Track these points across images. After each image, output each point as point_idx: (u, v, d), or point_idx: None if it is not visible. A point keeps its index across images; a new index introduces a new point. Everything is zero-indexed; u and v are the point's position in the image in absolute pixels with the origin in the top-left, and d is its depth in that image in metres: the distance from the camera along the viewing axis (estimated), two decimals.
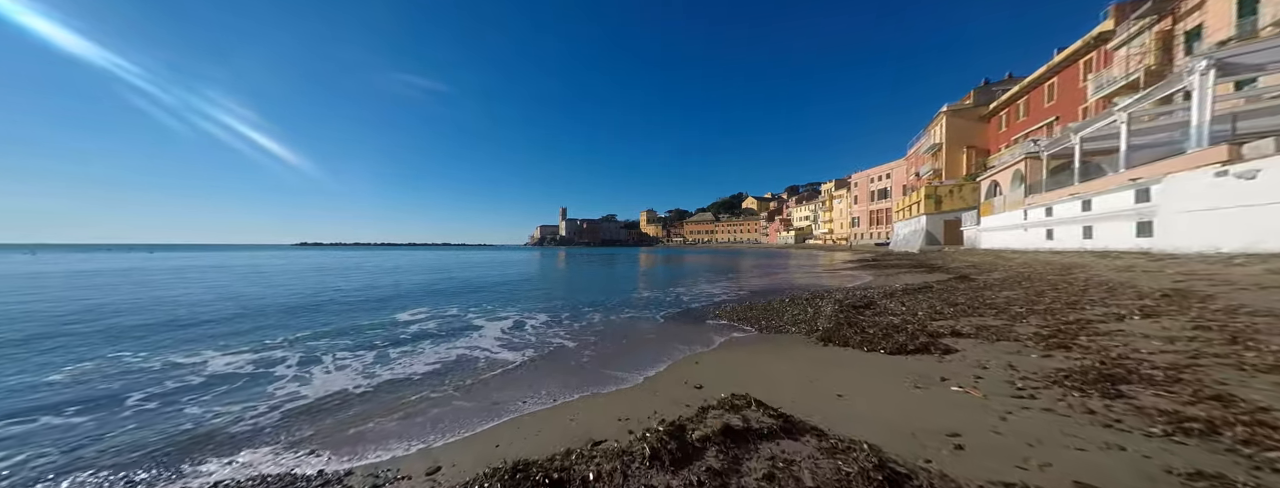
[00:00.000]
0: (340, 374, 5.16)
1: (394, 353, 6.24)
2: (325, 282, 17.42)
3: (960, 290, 9.29)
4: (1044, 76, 34.52)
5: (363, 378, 4.96)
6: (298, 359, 5.88)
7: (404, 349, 6.49)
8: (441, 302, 11.77)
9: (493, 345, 6.64)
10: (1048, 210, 19.66)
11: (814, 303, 8.54)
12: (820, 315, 6.91)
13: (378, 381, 4.85)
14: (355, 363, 5.68)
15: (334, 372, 5.28)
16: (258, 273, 22.43)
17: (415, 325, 8.45)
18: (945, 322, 5.98)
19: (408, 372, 5.22)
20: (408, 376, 5.05)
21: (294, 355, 6.09)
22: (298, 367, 5.53)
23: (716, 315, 8.41)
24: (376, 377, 5.00)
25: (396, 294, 13.53)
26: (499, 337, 7.31)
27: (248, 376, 5.21)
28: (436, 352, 6.28)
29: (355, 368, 5.45)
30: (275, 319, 9.01)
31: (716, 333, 6.73)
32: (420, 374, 5.11)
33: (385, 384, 4.72)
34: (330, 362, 5.74)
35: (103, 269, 25.04)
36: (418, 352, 6.30)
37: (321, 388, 4.61)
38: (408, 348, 6.56)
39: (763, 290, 13.03)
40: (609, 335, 7.08)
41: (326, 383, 4.80)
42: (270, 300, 11.86)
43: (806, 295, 9.83)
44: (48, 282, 16.98)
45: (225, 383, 4.91)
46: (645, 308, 10.38)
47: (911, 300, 8.04)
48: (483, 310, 10.23)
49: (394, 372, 5.22)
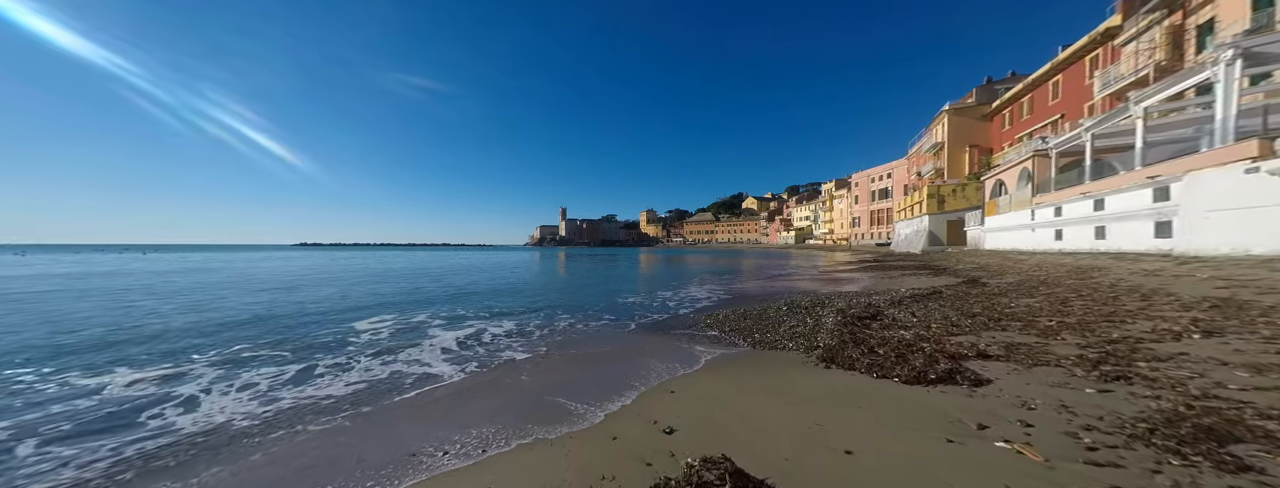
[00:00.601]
0: (237, 400, 4.49)
1: (322, 369, 5.56)
2: (301, 286, 16.61)
3: (974, 297, 8.49)
4: (1048, 74, 33.75)
5: (261, 405, 4.27)
6: (209, 380, 5.14)
7: (335, 364, 5.79)
8: (412, 308, 10.95)
9: (437, 361, 5.88)
10: (1057, 210, 18.86)
11: (814, 312, 7.73)
12: (821, 328, 6.10)
13: (275, 409, 4.16)
14: (267, 384, 5.00)
15: (233, 397, 4.60)
16: (240, 276, 21.61)
17: (367, 336, 7.65)
18: (964, 337, 5.17)
19: (320, 396, 4.52)
20: (316, 401, 4.34)
21: (210, 374, 5.37)
22: (201, 389, 4.80)
23: (705, 325, 7.60)
24: (277, 403, 4.30)
25: (369, 301, 12.71)
26: (449, 351, 6.54)
27: (135, 400, 4.49)
28: (368, 369, 5.60)
29: (262, 390, 4.79)
30: (225, 331, 8.19)
31: (702, 348, 5.92)
32: (331, 400, 4.41)
33: (282, 414, 4.03)
34: (240, 384, 5.03)
35: (81, 272, 24.21)
36: (347, 369, 5.59)
37: (201, 420, 3.92)
38: (340, 363, 5.86)
39: (759, 295, 12.23)
40: (577, 351, 6.26)
41: (211, 413, 4.09)
42: (233, 309, 11.04)
43: (806, 302, 9.01)
44: (9, 286, 16.17)
45: (99, 411, 4.14)
46: (627, 315, 9.58)
47: (922, 310, 7.23)
48: (450, 318, 9.42)
49: (303, 396, 4.55)
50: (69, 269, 26.27)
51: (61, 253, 72.69)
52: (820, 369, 4.45)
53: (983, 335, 5.23)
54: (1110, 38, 27.74)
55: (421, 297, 13.47)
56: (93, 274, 22.27)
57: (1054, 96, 33.40)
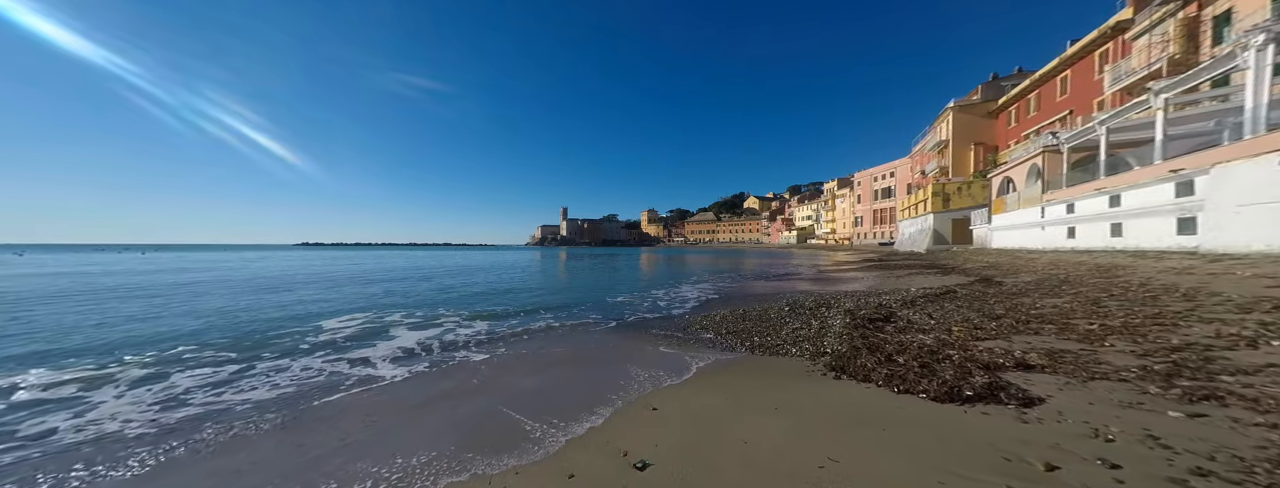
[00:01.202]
0: (140, 406, 3.98)
1: (258, 370, 5.09)
2: (287, 286, 15.99)
3: (992, 297, 7.80)
4: (1056, 69, 33.00)
5: (165, 411, 3.83)
6: (128, 383, 4.63)
7: (275, 366, 5.28)
8: (390, 309, 10.30)
9: (387, 365, 5.30)
10: (1069, 207, 18.14)
11: (819, 313, 7.05)
12: (828, 331, 5.42)
13: (180, 417, 3.70)
14: (187, 388, 4.50)
15: (139, 402, 4.10)
16: (230, 276, 21.01)
17: (327, 336, 7.03)
18: (993, 342, 4.50)
19: (237, 401, 4.04)
20: (231, 407, 3.84)
21: (133, 376, 4.89)
22: (116, 394, 4.25)
23: (699, 327, 6.93)
24: (183, 410, 3.83)
25: (349, 301, 12.07)
26: (407, 352, 5.96)
27: (32, 404, 3.91)
28: (307, 370, 5.09)
29: (177, 394, 4.31)
30: (180, 332, 7.54)
31: (694, 353, 5.25)
32: (247, 406, 3.90)
33: (184, 422, 3.57)
34: (161, 387, 4.56)
35: (69, 272, 23.64)
36: (284, 370, 5.10)
37: (88, 427, 3.43)
38: (280, 365, 5.35)
39: (759, 295, 11.56)
40: (550, 355, 5.60)
41: (103, 420, 3.54)
42: (203, 309, 10.39)
43: (810, 302, 8.33)
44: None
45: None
46: (616, 315, 8.92)
47: (938, 311, 6.55)
48: (425, 318, 8.75)
49: (218, 401, 4.08)
50: (60, 269, 25.70)
51: (61, 253, 72.33)
52: (829, 380, 3.78)
53: (1015, 340, 4.56)
54: (1121, 31, 27.01)
55: (405, 297, 12.82)
56: (80, 273, 21.69)
57: (1062, 92, 32.67)
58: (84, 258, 44.18)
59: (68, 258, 44.66)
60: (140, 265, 29.51)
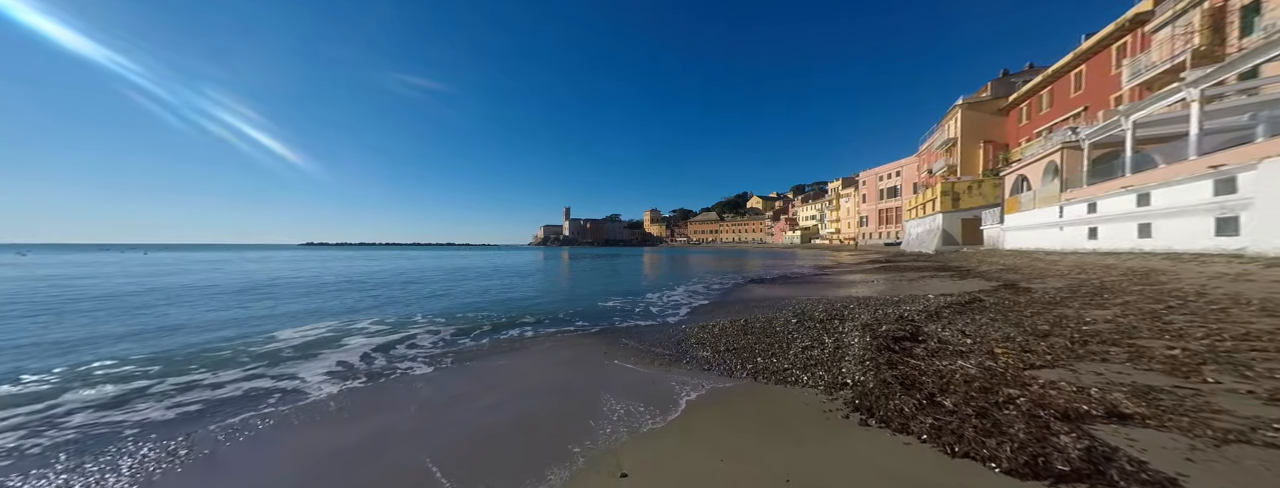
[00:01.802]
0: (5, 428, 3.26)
1: (169, 385, 4.48)
2: (267, 289, 15.24)
3: (1026, 308, 6.90)
4: (1071, 65, 31.96)
5: (29, 435, 3.17)
6: (8, 399, 3.83)
7: (189, 381, 4.60)
8: (362, 314, 9.47)
9: (319, 384, 4.49)
10: (1091, 206, 17.16)
11: (831, 327, 6.16)
12: (846, 353, 4.55)
13: (39, 441, 2.93)
14: (77, 403, 3.91)
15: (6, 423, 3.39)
16: (217, 277, 20.31)
17: (273, 346, 6.26)
18: (1051, 371, 3.63)
19: (122, 422, 3.35)
20: (113, 429, 3.19)
21: (22, 391, 4.07)
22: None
23: (694, 341, 6.05)
24: (52, 431, 3.10)
25: (323, 306, 11.28)
26: (344, 369, 5.14)
27: None
28: (219, 390, 4.37)
29: (58, 413, 3.73)
30: (117, 339, 6.74)
31: (684, 379, 4.38)
32: (133, 427, 3.28)
33: (50, 447, 2.85)
34: (41, 405, 3.91)
35: (55, 272, 23.04)
36: (196, 387, 4.44)
37: None
38: (198, 379, 4.69)
39: (763, 300, 10.68)
40: (517, 378, 4.75)
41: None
42: (157, 314, 9.62)
43: (820, 312, 7.45)
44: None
45: None
46: (603, 323, 8.06)
47: (970, 325, 5.66)
48: (393, 324, 7.92)
49: (98, 423, 3.51)
50: (48, 270, 25.10)
51: (65, 252, 72.20)
52: (853, 426, 2.91)
53: (1080, 369, 3.68)
54: (1140, 24, 25.98)
55: (385, 301, 12.01)
56: (64, 275, 21.05)
57: (1077, 88, 31.63)
58: (80, 258, 43.74)
59: (66, 258, 44.24)
60: (133, 266, 28.90)
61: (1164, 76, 23.38)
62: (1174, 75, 22.30)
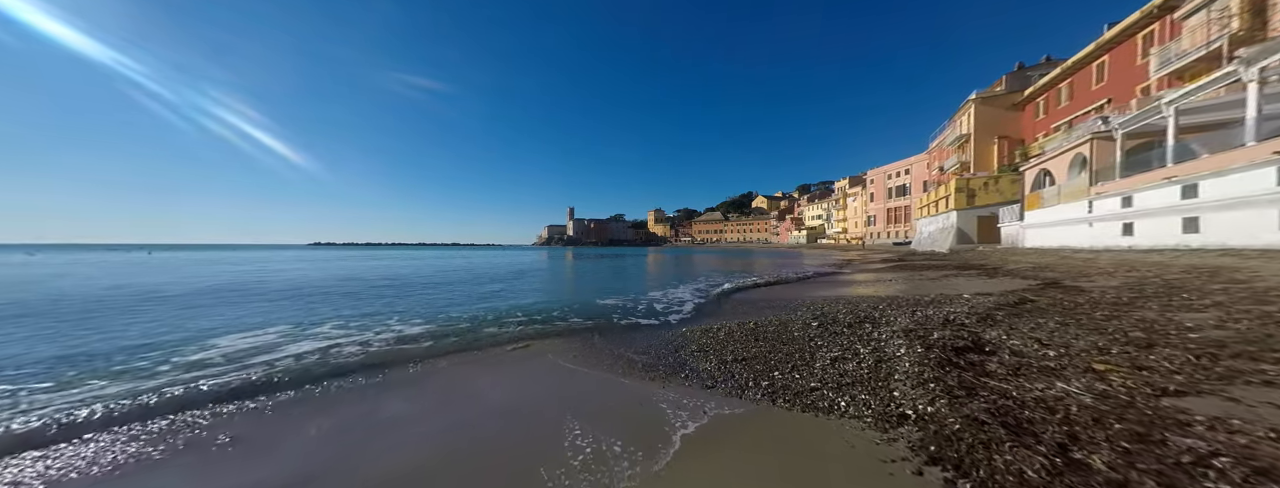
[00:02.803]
0: None
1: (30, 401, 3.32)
2: (242, 291, 14.35)
3: (1089, 309, 5.78)
4: (1092, 55, 30.54)
5: None
6: None
7: (59, 398, 3.40)
8: (328, 314, 8.48)
9: (208, 404, 3.40)
10: (1126, 200, 15.92)
11: (862, 332, 5.06)
12: (894, 369, 3.45)
13: None
14: None
15: None
16: (204, 278, 19.52)
17: (201, 355, 5.23)
18: (1200, 400, 2.55)
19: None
20: None
21: None
22: None
23: (697, 347, 4.98)
24: None
25: (289, 311, 10.33)
26: (255, 381, 4.04)
27: None
28: (76, 412, 3.24)
29: None
30: (22, 351, 5.77)
31: (677, 401, 3.32)
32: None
33: None
34: None
35: (33, 274, 22.36)
36: (59, 401, 3.25)
37: None
38: (71, 395, 3.47)
39: (774, 301, 9.59)
40: (474, 396, 3.70)
41: None
42: (104, 320, 8.70)
43: (845, 314, 6.35)
44: None
45: None
46: (599, 318, 7.01)
47: (1038, 331, 4.55)
48: (350, 327, 6.89)
49: None
50: (37, 270, 24.46)
51: (72, 252, 72.21)
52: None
53: (1244, 397, 2.59)
54: (1169, 10, 24.61)
55: (359, 302, 11.04)
56: (46, 276, 20.36)
57: (1099, 80, 30.24)
58: (82, 258, 43.33)
59: (68, 258, 43.85)
60: (125, 267, 28.23)
61: (1197, 65, 22.04)
62: (1208, 63, 20.98)
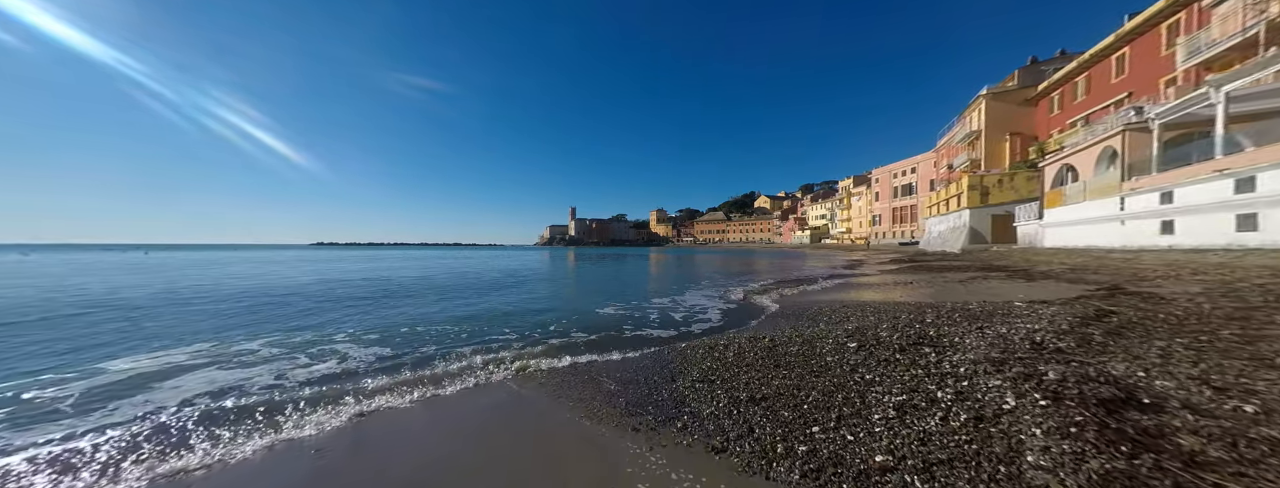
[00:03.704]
0: None
1: None
2: (202, 296, 13.24)
3: (1192, 324, 4.56)
4: (1111, 47, 29.18)
5: None
6: None
7: None
8: (273, 328, 7.32)
9: None
10: (1165, 196, 14.65)
11: (923, 360, 3.84)
12: (1015, 437, 2.24)
13: None
14: None
15: None
16: (174, 280, 18.44)
17: (90, 381, 4.06)
18: None
19: None
20: None
21: None
22: None
23: (696, 381, 3.79)
24: None
25: (252, 315, 9.18)
26: (118, 427, 2.83)
27: None
28: None
29: None
30: None
31: (667, 477, 2.15)
32: None
33: None
34: None
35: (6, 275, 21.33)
36: None
37: None
38: None
39: (790, 308, 8.38)
40: (364, 450, 2.52)
41: None
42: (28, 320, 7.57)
43: (891, 333, 5.15)
44: None
45: None
46: (570, 341, 5.82)
47: (1179, 363, 3.33)
48: (287, 345, 5.72)
49: None
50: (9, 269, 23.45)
51: (68, 252, 71.40)
52: None
53: None
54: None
55: (318, 310, 9.89)
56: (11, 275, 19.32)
57: (1119, 73, 28.87)
58: (74, 258, 42.39)
59: (63, 258, 42.91)
60: (107, 267, 27.19)
61: (1229, 54, 20.69)
62: (1242, 52, 19.68)
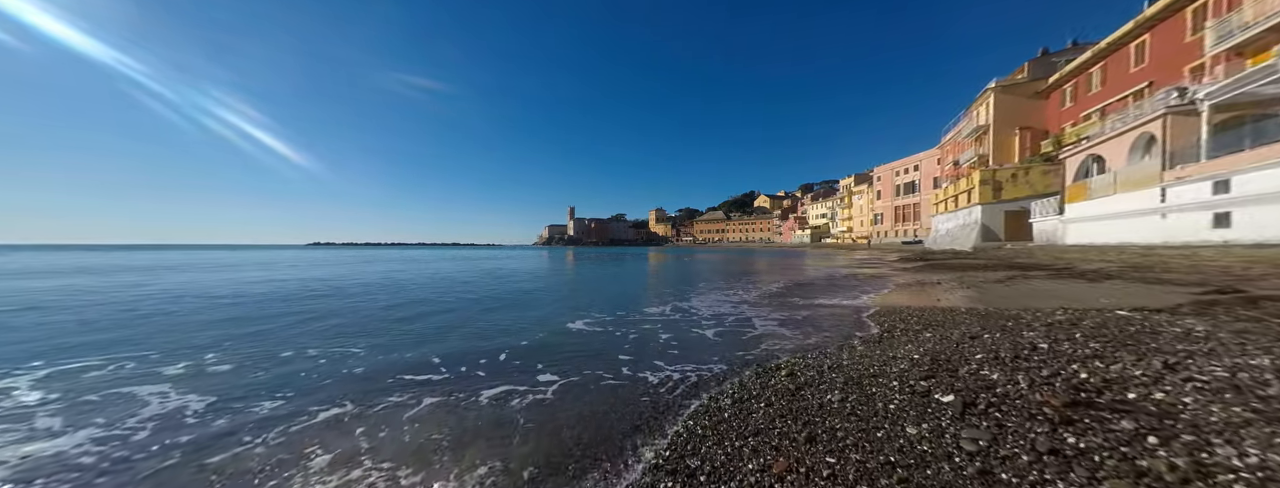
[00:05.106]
0: None
1: None
2: (124, 305, 11.64)
3: None
4: (1130, 34, 27.43)
5: None
6: None
7: None
8: (175, 350, 5.67)
9: None
10: (1220, 185, 13.07)
11: (1088, 436, 2.24)
12: None
13: None
14: None
15: None
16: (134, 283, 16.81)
17: None
18: None
19: None
20: None
21: None
22: None
23: (688, 449, 2.20)
24: None
25: (168, 328, 7.56)
26: None
27: None
28: None
29: None
30: None
31: None
32: None
33: None
34: None
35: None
36: None
37: None
38: None
39: (805, 318, 6.77)
40: None
41: None
42: None
43: (991, 366, 3.53)
44: None
45: None
46: (526, 370, 4.17)
47: None
48: (124, 374, 4.07)
49: None
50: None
51: (49, 253, 69.37)
52: None
53: None
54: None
55: (250, 321, 8.26)
56: None
57: (1138, 61, 27.13)
58: (50, 259, 40.66)
59: (36, 259, 41.15)
60: (52, 271, 25.54)
61: (1265, 36, 19.04)
62: (1279, 34, 18.16)
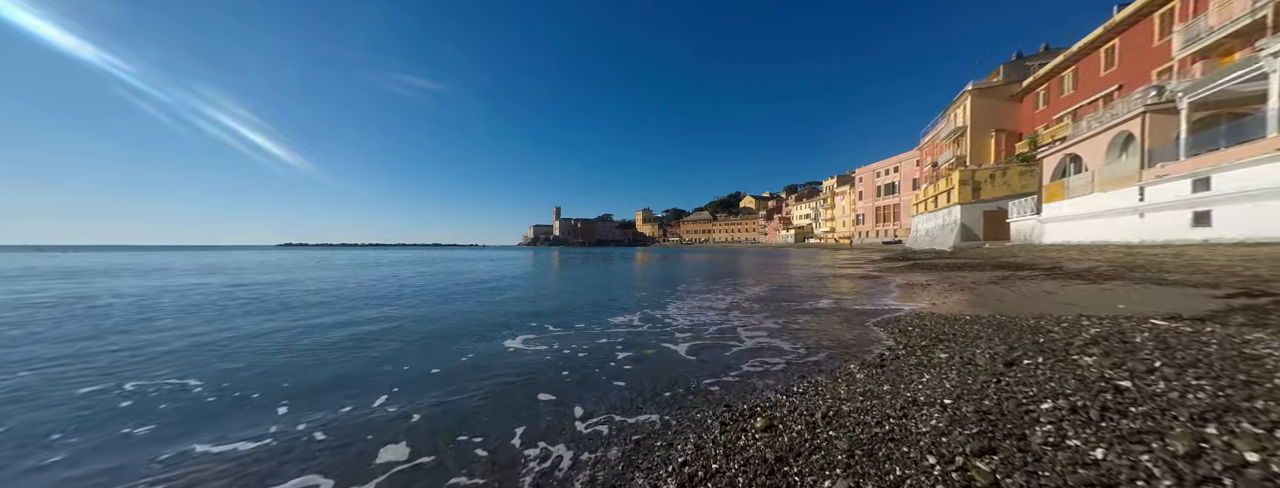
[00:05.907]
0: None
1: None
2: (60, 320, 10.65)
3: None
4: (1100, 40, 27.79)
5: None
6: None
7: None
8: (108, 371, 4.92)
9: None
10: (1199, 183, 13.08)
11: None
12: None
13: None
14: None
15: None
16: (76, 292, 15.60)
17: None
18: None
19: None
20: None
21: None
22: None
23: None
24: None
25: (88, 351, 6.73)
26: None
27: None
28: None
29: None
30: None
31: None
32: None
33: None
34: None
35: None
36: None
37: None
38: None
39: (804, 327, 6.32)
40: None
41: None
42: None
43: (1075, 388, 3.09)
44: None
45: None
46: (449, 409, 3.54)
47: None
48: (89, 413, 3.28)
49: None
50: None
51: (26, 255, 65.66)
52: None
53: None
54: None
55: (156, 342, 7.47)
56: None
57: (1108, 65, 27.48)
58: (41, 261, 38.24)
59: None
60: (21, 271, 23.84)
61: (1229, 41, 19.37)
62: (1244, 39, 18.50)
